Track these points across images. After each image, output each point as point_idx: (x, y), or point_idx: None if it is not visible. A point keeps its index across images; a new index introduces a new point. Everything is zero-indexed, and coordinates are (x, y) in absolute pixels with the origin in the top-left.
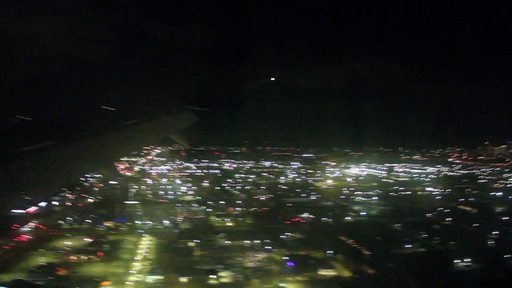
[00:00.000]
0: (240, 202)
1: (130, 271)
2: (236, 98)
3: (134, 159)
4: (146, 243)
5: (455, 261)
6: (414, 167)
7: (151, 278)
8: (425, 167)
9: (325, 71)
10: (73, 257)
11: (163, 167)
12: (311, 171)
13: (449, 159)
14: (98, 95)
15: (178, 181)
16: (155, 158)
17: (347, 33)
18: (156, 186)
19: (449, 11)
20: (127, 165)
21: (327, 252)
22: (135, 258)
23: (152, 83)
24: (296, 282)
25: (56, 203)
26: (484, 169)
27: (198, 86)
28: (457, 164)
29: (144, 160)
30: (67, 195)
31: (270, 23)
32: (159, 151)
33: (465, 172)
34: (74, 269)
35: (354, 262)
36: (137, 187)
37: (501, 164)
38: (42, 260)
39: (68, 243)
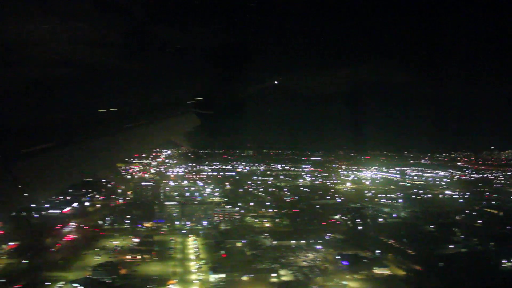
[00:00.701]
0: (269, 203)
1: (189, 270)
2: (239, 101)
3: (146, 161)
4: (192, 243)
5: (502, 261)
6: (425, 170)
7: (214, 277)
8: (437, 171)
9: (328, 74)
10: (128, 257)
11: (177, 169)
12: (325, 174)
13: (458, 163)
14: (101, 98)
15: (199, 183)
16: (166, 160)
17: (351, 36)
18: (180, 188)
19: (457, 12)
20: (141, 167)
21: (376, 252)
22: (188, 257)
23: (156, 85)
24: (355, 280)
25: (87, 203)
26: (496, 173)
27: (201, 89)
28: (468, 168)
29: (155, 162)
30: (96, 196)
31: (274, 26)
32: (168, 154)
33: (478, 176)
34: (133, 268)
35: (404, 261)
36: (161, 188)
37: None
38: (98, 259)
39: (115, 242)
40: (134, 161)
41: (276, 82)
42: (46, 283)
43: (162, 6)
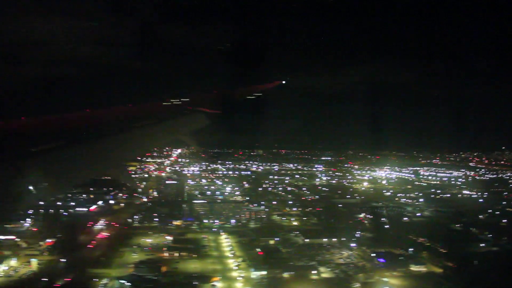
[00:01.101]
0: (291, 202)
1: (228, 268)
2: (247, 101)
3: (159, 160)
4: (225, 241)
5: None
6: (439, 170)
7: (255, 274)
8: (450, 171)
9: (338, 74)
10: (166, 254)
11: (192, 168)
12: (339, 173)
13: (470, 164)
14: (110, 96)
15: (218, 182)
16: (178, 159)
17: (362, 35)
18: (200, 187)
19: (471, 11)
20: (156, 166)
21: (408, 250)
22: (224, 255)
23: (164, 84)
24: (394, 277)
25: (112, 201)
26: (510, 174)
27: (210, 88)
28: (481, 168)
29: (169, 161)
30: (119, 194)
31: (283, 26)
32: (178, 153)
33: (493, 176)
34: (173, 266)
35: (438, 259)
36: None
37: None
38: (136, 256)
39: (149, 240)
40: (148, 160)
41: (283, 82)
42: (90, 280)
43: (172, 6)
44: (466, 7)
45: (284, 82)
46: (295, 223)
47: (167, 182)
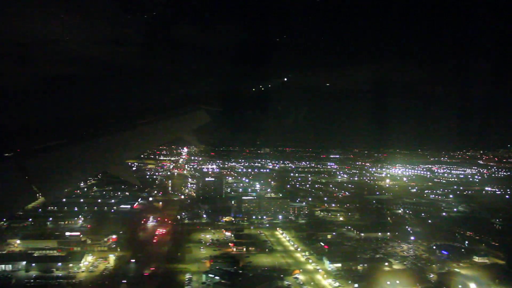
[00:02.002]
0: (326, 199)
1: (299, 261)
2: (248, 99)
3: (172, 158)
4: (282, 235)
5: None
6: (451, 168)
7: (331, 266)
8: (462, 168)
9: (341, 74)
10: (233, 249)
11: (210, 166)
12: (354, 171)
13: (479, 161)
14: (114, 95)
15: (244, 179)
16: (191, 157)
17: (370, 33)
18: (228, 184)
19: (476, 10)
20: (173, 164)
21: (465, 242)
22: (289, 249)
23: (167, 83)
24: (462, 268)
25: (151, 198)
26: None
27: (212, 86)
28: (492, 165)
29: (181, 159)
30: (153, 192)
31: (288, 25)
32: (186, 151)
33: (507, 173)
34: (246, 260)
35: (494, 251)
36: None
37: None
38: (204, 252)
39: (208, 236)
40: (161, 158)
41: (285, 79)
42: (172, 274)
43: (177, 5)
44: (472, 6)
45: (286, 79)
46: (341, 219)
47: (206, 179)
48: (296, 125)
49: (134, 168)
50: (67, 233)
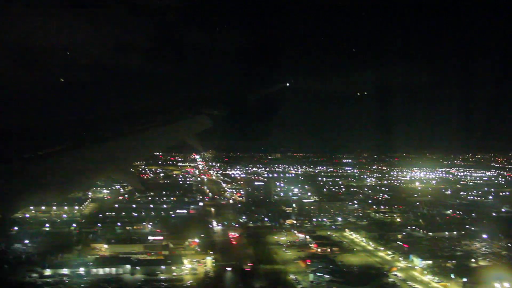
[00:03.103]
0: (370, 201)
1: (385, 259)
2: (250, 104)
3: (191, 164)
4: (353, 236)
5: None
6: (469, 171)
7: (423, 263)
8: (481, 171)
9: (344, 77)
10: (318, 250)
11: (233, 171)
12: (377, 174)
13: (493, 164)
14: (116, 100)
15: (279, 183)
16: (210, 163)
17: (370, 38)
18: (266, 188)
19: (480, 12)
20: (197, 170)
21: None
22: (367, 248)
23: (169, 87)
24: None
25: (201, 203)
26: None
27: (215, 91)
28: (510, 168)
29: (200, 165)
30: (197, 197)
31: (292, 28)
32: (199, 157)
33: None
34: (337, 259)
35: None
36: (248, 189)
37: None
38: (289, 253)
39: (283, 238)
40: (182, 165)
41: (287, 84)
42: (273, 274)
43: (179, 9)
44: (476, 8)
45: (288, 84)
46: (398, 220)
47: (255, 183)
48: (302, 130)
49: (162, 175)
50: (150, 237)
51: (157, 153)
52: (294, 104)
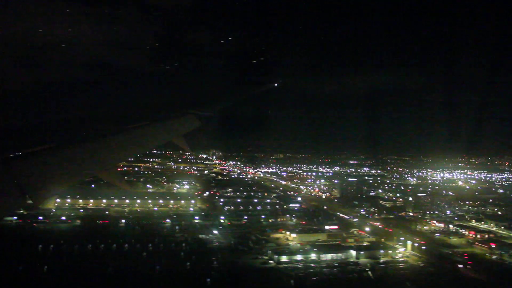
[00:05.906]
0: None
1: None
2: (240, 104)
3: (210, 163)
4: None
5: None
6: (481, 173)
7: None
8: (497, 173)
9: (340, 81)
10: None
11: (264, 170)
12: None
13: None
14: (106, 99)
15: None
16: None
17: (367, 42)
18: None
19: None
20: (240, 169)
21: None
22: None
23: (158, 87)
24: None
25: (299, 198)
26: None
27: (204, 91)
28: None
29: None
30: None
31: (289, 31)
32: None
33: None
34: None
35: None
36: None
37: None
38: (454, 240)
39: (426, 227)
40: (211, 163)
41: (276, 85)
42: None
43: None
44: (471, 11)
45: (276, 85)
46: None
47: (349, 179)
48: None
49: (205, 172)
50: (326, 227)
51: (168, 152)
52: (287, 106)
